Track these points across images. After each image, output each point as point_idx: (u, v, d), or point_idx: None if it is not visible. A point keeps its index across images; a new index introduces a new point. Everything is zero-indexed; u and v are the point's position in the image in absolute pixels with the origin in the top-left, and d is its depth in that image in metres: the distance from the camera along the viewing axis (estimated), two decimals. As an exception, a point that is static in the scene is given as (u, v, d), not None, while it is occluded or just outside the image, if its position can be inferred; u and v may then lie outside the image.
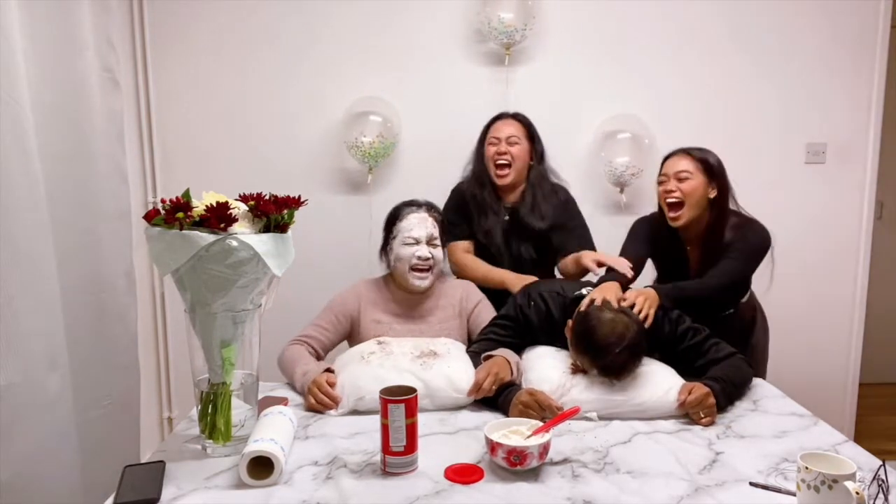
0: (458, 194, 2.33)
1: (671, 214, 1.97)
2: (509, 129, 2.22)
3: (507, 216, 2.24)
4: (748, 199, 2.75)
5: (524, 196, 2.24)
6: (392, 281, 2.03)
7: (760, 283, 2.14)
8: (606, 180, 2.65)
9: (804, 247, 2.80)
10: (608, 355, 1.55)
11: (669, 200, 1.95)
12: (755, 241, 1.96)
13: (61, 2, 1.76)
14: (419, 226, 1.95)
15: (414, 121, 2.68)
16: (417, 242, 1.93)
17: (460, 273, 2.23)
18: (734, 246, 1.94)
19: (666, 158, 2.03)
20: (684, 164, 1.95)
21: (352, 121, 2.58)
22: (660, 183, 2.00)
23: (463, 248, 2.26)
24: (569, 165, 2.72)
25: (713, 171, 1.95)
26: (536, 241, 2.23)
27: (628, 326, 1.58)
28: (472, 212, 2.26)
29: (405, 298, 2.00)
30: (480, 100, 2.69)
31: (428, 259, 1.93)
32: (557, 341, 1.79)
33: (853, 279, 2.83)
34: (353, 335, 1.99)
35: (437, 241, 1.97)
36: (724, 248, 1.94)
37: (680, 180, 1.94)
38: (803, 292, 2.81)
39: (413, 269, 1.94)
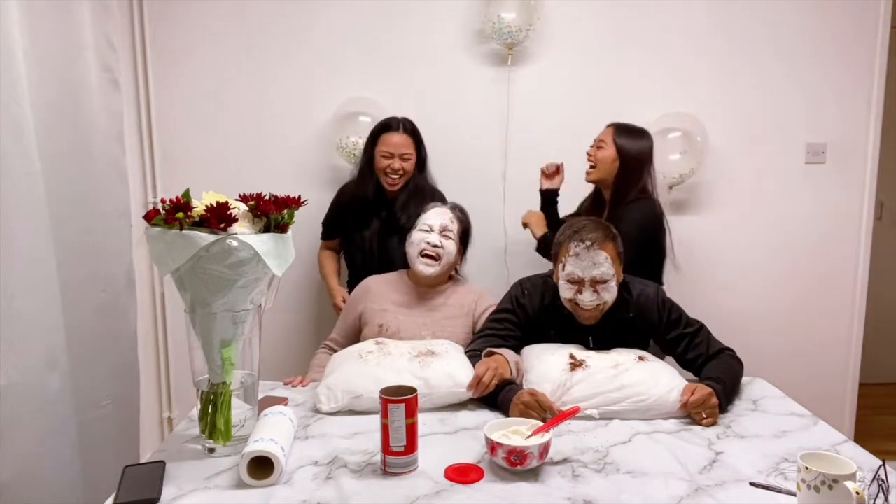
0: (341, 194, 2.49)
1: (586, 170, 2.32)
2: (402, 144, 2.32)
3: (385, 213, 2.37)
4: (748, 199, 2.78)
5: (399, 195, 2.36)
6: (406, 273, 2.10)
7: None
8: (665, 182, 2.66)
9: (804, 247, 2.80)
10: (584, 226, 1.74)
11: (588, 161, 2.31)
12: (630, 220, 2.13)
13: (61, 2, 1.76)
14: (436, 216, 2.04)
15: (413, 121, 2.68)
16: (431, 230, 2.00)
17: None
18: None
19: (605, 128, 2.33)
20: (605, 135, 2.28)
21: (341, 121, 2.58)
22: (590, 145, 2.33)
23: (327, 245, 2.56)
24: (573, 165, 2.72)
25: (622, 149, 2.23)
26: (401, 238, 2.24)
27: (600, 219, 1.85)
28: (349, 211, 2.42)
29: (415, 290, 2.05)
30: (482, 100, 2.69)
31: (437, 246, 1.98)
32: (553, 327, 1.83)
33: (853, 279, 2.83)
34: (361, 328, 2.03)
35: (451, 234, 2.02)
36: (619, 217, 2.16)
37: (598, 148, 2.28)
38: (803, 292, 2.81)
39: (421, 253, 1.99)
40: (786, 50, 2.69)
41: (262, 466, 1.26)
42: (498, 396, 1.63)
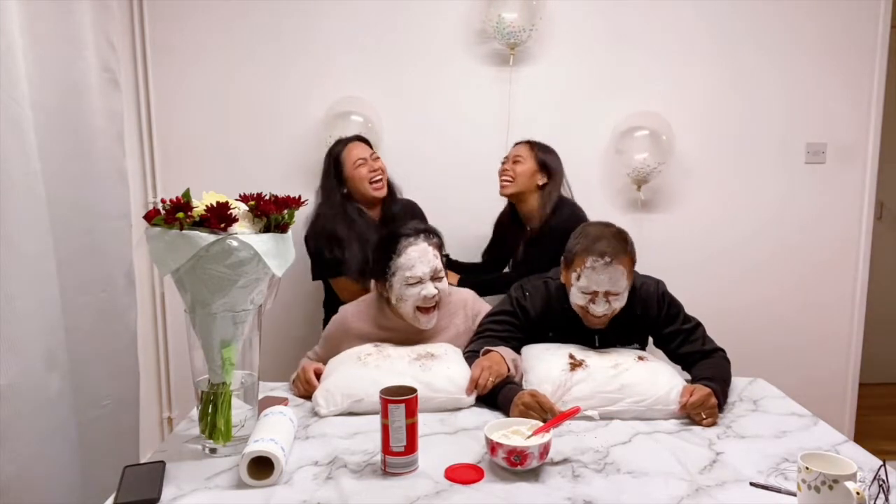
0: (323, 232, 2.30)
1: (502, 185, 2.36)
2: (366, 150, 2.34)
3: (376, 230, 2.27)
4: (748, 198, 2.78)
5: (385, 209, 2.38)
6: (388, 305, 1.87)
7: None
8: (630, 178, 2.65)
9: (804, 247, 2.80)
10: (600, 236, 1.71)
11: (504, 177, 2.35)
12: (575, 217, 2.24)
13: (61, 1, 1.76)
14: (421, 262, 1.78)
15: (413, 121, 2.69)
16: (421, 281, 1.78)
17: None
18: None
19: (514, 146, 2.41)
20: (521, 151, 2.35)
21: (332, 121, 2.57)
22: (502, 163, 2.38)
23: (349, 283, 2.29)
24: (575, 165, 2.73)
25: (545, 163, 2.33)
26: None
27: (612, 224, 1.80)
28: (344, 240, 2.27)
29: (403, 324, 1.86)
30: (483, 100, 2.69)
31: (434, 296, 1.80)
32: (554, 329, 1.83)
33: (853, 279, 2.83)
34: None
35: (441, 273, 1.83)
36: (548, 229, 2.26)
37: (515, 163, 2.33)
38: (803, 292, 2.81)
39: (419, 309, 1.81)
40: (786, 50, 2.69)
41: (262, 466, 1.26)
42: (498, 396, 1.63)
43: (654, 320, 1.82)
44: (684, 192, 2.76)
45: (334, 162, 2.34)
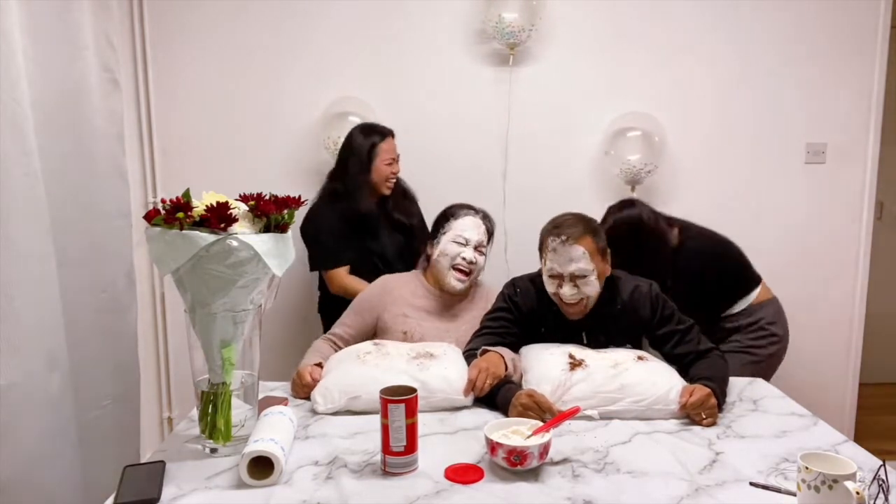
0: (329, 216, 2.33)
1: None
2: (394, 147, 2.38)
3: (383, 217, 2.40)
4: (748, 198, 2.78)
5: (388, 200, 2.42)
6: (425, 277, 2.06)
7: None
8: (622, 179, 2.63)
9: (804, 247, 2.80)
10: (564, 220, 1.76)
11: None
12: None
13: (61, 2, 1.76)
14: (473, 229, 2.00)
15: (412, 121, 2.68)
16: (467, 244, 1.98)
17: (347, 296, 2.23)
18: None
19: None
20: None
21: (330, 120, 2.57)
22: None
23: (345, 272, 2.35)
24: (574, 165, 2.73)
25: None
26: (404, 237, 2.42)
27: (582, 214, 1.82)
28: (353, 229, 2.33)
29: (437, 295, 2.03)
30: (483, 100, 2.69)
31: (472, 263, 1.98)
32: (545, 324, 1.84)
33: (853, 279, 2.83)
34: (379, 331, 2.00)
35: (484, 249, 2.03)
36: None
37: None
38: (803, 292, 2.81)
39: (454, 268, 1.97)
40: (786, 50, 2.70)
41: (262, 466, 1.26)
42: (497, 396, 1.63)
43: (648, 321, 1.82)
44: (683, 193, 2.75)
45: (370, 147, 2.33)
